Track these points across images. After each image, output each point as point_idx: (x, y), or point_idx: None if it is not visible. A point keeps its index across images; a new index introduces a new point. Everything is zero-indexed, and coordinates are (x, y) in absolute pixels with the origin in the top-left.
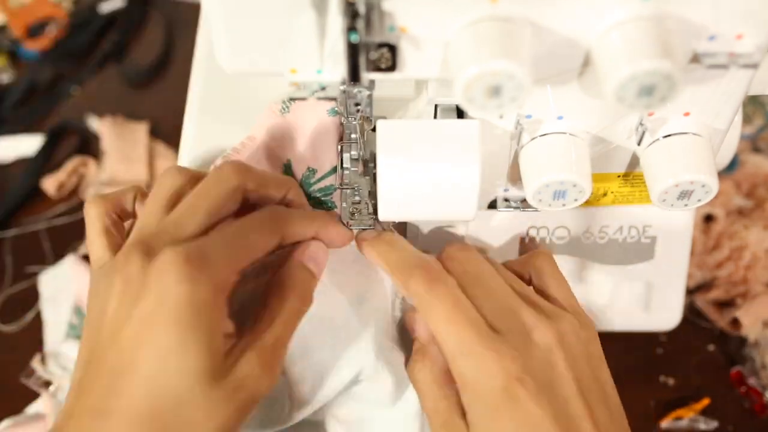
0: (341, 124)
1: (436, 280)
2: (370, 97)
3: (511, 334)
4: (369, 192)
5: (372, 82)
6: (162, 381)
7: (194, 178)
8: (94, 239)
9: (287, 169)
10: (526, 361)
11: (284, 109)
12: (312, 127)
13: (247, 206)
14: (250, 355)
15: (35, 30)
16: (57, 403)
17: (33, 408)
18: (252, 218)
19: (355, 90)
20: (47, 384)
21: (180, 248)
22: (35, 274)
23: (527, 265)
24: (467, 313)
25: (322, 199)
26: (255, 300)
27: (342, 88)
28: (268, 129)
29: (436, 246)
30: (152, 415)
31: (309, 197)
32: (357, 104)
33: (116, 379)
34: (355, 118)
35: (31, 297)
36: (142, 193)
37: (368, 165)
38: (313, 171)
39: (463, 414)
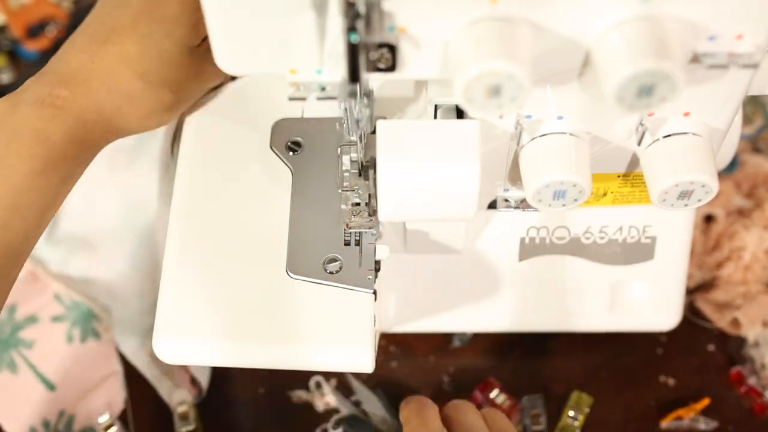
0: (342, 125)
1: None
2: (371, 114)
3: None
4: (369, 195)
5: (371, 99)
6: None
7: None
8: None
9: None
10: None
11: None
12: None
13: None
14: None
15: (35, 30)
16: None
17: None
18: None
19: (356, 109)
20: None
21: None
22: None
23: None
24: None
25: None
26: None
27: (343, 106)
28: None
29: (435, 246)
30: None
31: None
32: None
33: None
34: (356, 125)
35: None
36: None
37: (368, 171)
38: None
39: None
